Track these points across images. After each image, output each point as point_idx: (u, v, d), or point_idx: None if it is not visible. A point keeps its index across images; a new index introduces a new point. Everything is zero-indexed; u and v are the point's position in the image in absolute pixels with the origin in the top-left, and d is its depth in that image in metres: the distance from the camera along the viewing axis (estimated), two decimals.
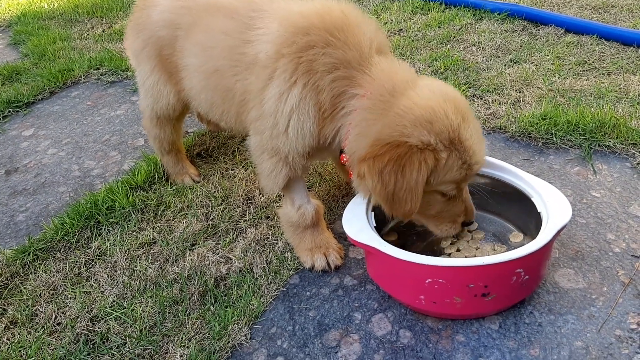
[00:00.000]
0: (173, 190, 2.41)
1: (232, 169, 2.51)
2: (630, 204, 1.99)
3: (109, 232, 2.21)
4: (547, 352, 1.52)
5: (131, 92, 3.49)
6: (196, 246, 2.07)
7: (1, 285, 2.01)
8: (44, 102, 3.55)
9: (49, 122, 3.28)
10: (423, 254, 1.53)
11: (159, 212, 2.28)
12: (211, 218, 2.20)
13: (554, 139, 2.37)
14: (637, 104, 2.52)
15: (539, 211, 1.67)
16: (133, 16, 2.22)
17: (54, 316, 1.85)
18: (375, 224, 1.72)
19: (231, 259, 1.98)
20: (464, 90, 2.84)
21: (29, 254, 2.13)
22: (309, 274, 1.90)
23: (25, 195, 2.61)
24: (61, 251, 2.15)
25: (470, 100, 2.76)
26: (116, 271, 2.01)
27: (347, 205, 1.78)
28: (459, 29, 3.67)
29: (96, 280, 1.98)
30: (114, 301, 1.88)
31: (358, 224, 1.68)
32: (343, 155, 1.75)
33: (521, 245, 1.52)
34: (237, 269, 1.94)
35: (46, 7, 5.63)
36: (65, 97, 3.58)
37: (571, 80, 2.83)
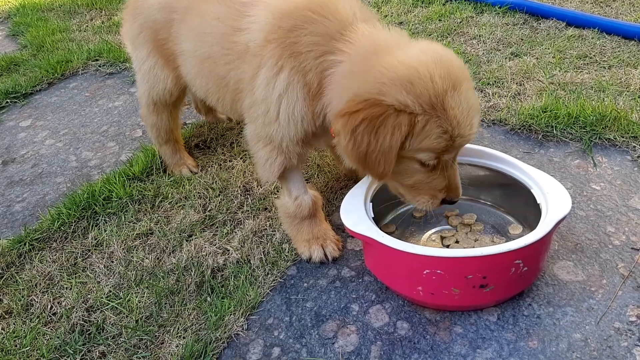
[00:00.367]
0: (170, 181, 2.39)
1: (230, 161, 2.49)
2: (630, 197, 1.98)
3: (106, 223, 2.19)
4: (546, 344, 1.50)
5: (129, 84, 3.47)
6: (193, 237, 2.06)
7: None
8: (42, 93, 3.53)
9: (47, 113, 3.26)
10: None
11: (156, 203, 2.26)
12: (209, 209, 2.19)
13: (555, 132, 2.35)
14: (638, 97, 2.50)
15: (539, 203, 1.66)
16: (129, 1, 2.22)
17: (50, 306, 1.84)
18: (373, 215, 1.71)
19: (228, 250, 1.97)
20: None
21: (25, 244, 2.11)
22: (307, 265, 1.89)
23: (22, 185, 2.59)
24: (57, 241, 2.13)
25: None
26: (112, 261, 1.99)
27: (345, 196, 1.77)
28: (460, 22, 3.64)
29: (92, 270, 1.97)
30: (110, 291, 1.87)
31: (356, 215, 1.67)
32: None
33: (520, 237, 1.50)
34: (234, 260, 1.92)
35: None
36: (63, 88, 3.56)
37: (572, 73, 2.81)
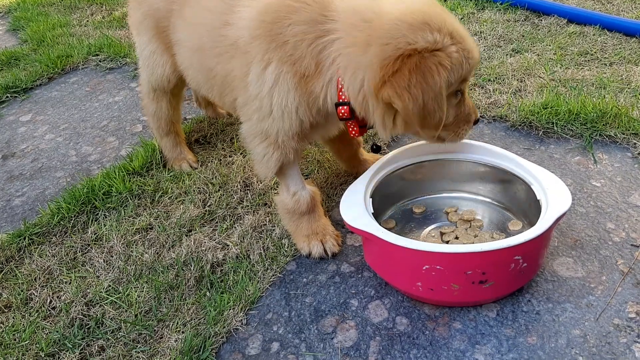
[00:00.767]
0: (170, 176, 2.39)
1: (230, 156, 2.49)
2: (630, 194, 1.97)
3: (106, 217, 2.19)
4: (545, 340, 1.50)
5: (130, 79, 3.47)
6: (193, 232, 2.06)
7: None
8: (42, 88, 3.53)
9: (47, 108, 3.26)
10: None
11: (156, 198, 2.26)
12: (208, 204, 2.19)
13: (555, 129, 2.35)
14: (639, 94, 2.50)
15: (539, 199, 1.66)
16: None
17: (49, 300, 1.84)
18: (373, 211, 1.71)
19: (228, 245, 1.97)
20: None
21: (25, 238, 2.11)
22: (306, 261, 1.89)
23: (22, 180, 2.59)
24: (57, 236, 2.13)
25: (471, 89, 2.73)
26: (112, 256, 1.99)
27: (345, 192, 1.76)
28: (461, 19, 3.63)
29: (92, 265, 1.97)
30: (110, 286, 1.87)
31: (356, 211, 1.66)
32: (349, 123, 1.70)
33: (520, 233, 1.50)
34: (234, 255, 1.92)
35: None
36: (63, 83, 3.56)
37: (573, 70, 2.81)
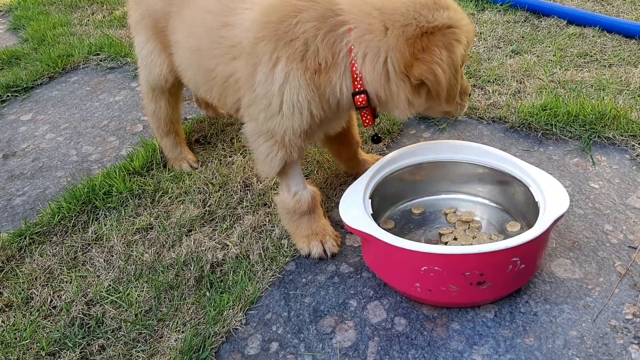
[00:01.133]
0: (171, 176, 2.40)
1: (230, 156, 2.50)
2: (628, 196, 1.98)
3: (106, 217, 2.20)
4: (542, 341, 1.51)
5: (130, 78, 3.48)
6: (193, 232, 2.07)
7: None
8: (43, 87, 3.54)
9: (48, 107, 3.26)
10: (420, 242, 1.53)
11: (156, 198, 2.27)
12: (208, 204, 2.20)
13: (554, 130, 2.36)
14: (638, 96, 2.51)
15: (537, 200, 1.67)
16: None
17: (50, 299, 1.85)
18: (372, 212, 1.72)
19: (228, 245, 1.98)
20: None
21: (25, 238, 2.12)
22: (305, 261, 1.90)
23: (22, 179, 2.60)
24: (57, 235, 2.14)
25: (471, 89, 2.74)
26: (112, 256, 2.00)
27: (345, 192, 1.77)
28: None
29: (92, 264, 1.98)
30: (110, 285, 1.88)
31: (355, 211, 1.67)
32: (364, 112, 1.71)
33: (518, 234, 1.51)
34: (234, 255, 1.93)
35: None
36: (64, 83, 3.57)
37: (572, 71, 2.82)
